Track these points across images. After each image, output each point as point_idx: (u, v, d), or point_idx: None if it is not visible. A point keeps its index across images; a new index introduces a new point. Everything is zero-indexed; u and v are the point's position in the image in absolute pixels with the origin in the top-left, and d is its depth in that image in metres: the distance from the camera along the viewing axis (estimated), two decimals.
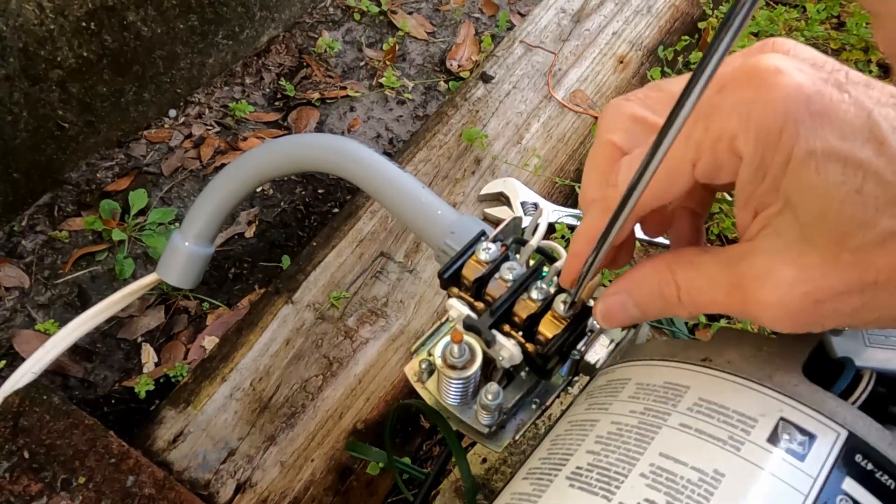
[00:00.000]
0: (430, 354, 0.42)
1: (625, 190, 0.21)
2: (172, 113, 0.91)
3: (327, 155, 0.49)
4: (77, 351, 0.71)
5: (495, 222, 0.72)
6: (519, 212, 0.72)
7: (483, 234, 0.40)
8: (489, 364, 0.39)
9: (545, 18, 0.93)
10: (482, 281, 0.37)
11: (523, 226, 0.42)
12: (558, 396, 0.42)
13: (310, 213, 0.85)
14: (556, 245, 0.39)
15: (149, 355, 0.72)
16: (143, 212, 0.82)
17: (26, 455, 0.53)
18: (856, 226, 0.18)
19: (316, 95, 0.95)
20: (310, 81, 0.98)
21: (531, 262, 0.38)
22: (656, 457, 0.24)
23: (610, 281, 0.74)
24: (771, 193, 0.19)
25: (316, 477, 0.58)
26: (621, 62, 0.89)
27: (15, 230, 0.79)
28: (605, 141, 0.23)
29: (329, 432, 0.59)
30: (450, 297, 0.38)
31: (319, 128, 0.93)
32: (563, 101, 0.84)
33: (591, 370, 0.38)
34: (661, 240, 0.72)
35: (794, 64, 0.18)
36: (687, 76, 0.18)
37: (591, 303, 0.37)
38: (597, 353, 0.39)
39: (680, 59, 0.92)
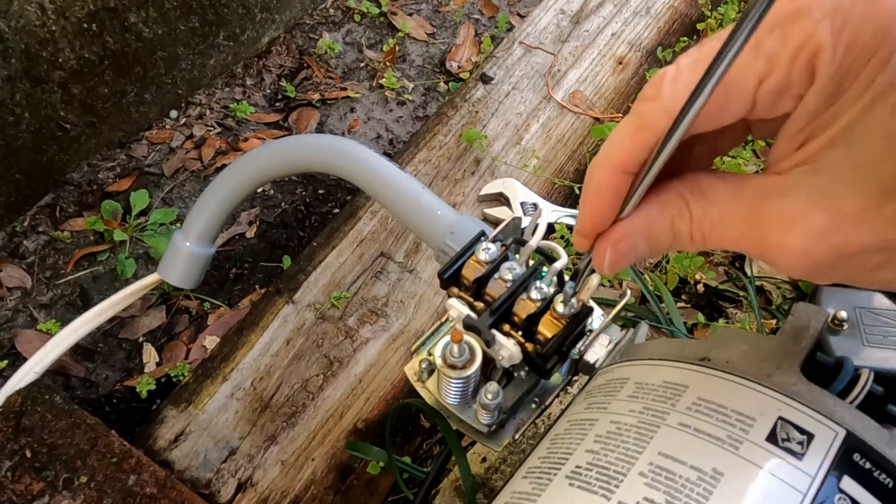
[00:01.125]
0: (430, 354, 0.42)
1: (675, 103, 0.17)
2: (174, 114, 0.91)
3: (328, 156, 0.49)
4: (79, 351, 0.71)
5: (495, 223, 0.72)
6: (518, 212, 0.72)
7: (483, 234, 0.40)
8: (489, 363, 0.39)
9: (544, 20, 0.93)
10: (482, 281, 0.37)
11: (523, 226, 0.42)
12: (558, 396, 0.42)
13: (310, 213, 0.86)
14: (555, 245, 0.39)
15: (150, 355, 0.72)
16: (144, 212, 0.82)
17: (28, 454, 0.53)
18: None
19: (316, 96, 0.95)
20: (310, 82, 0.98)
21: (530, 262, 0.38)
22: (655, 456, 0.24)
23: (610, 282, 0.73)
24: (831, 123, 0.17)
25: (317, 476, 0.58)
26: (620, 63, 0.89)
27: (17, 230, 0.79)
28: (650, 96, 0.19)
29: (330, 431, 0.60)
30: (450, 297, 0.38)
31: (320, 129, 0.94)
32: (562, 102, 0.84)
33: (591, 370, 0.38)
34: None
35: None
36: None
37: (591, 302, 0.37)
38: (596, 352, 0.39)
39: None
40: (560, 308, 0.35)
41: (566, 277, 0.40)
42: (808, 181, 0.17)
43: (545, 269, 0.38)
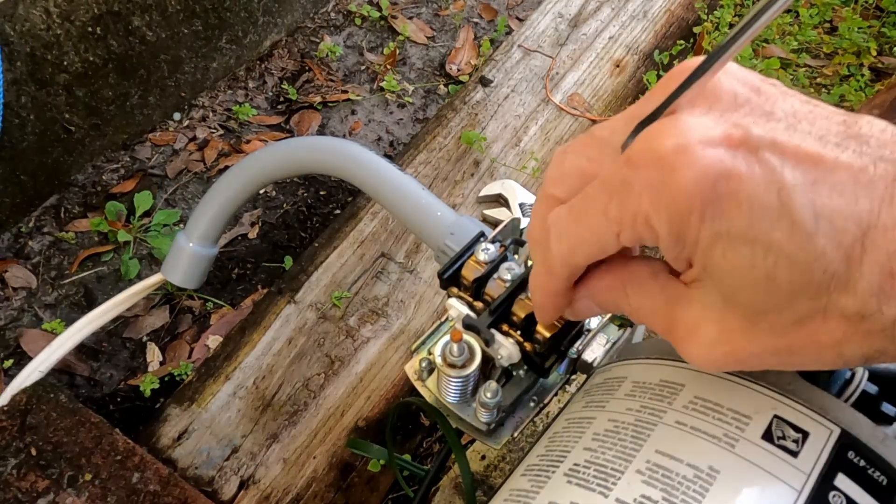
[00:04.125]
0: (430, 353, 0.42)
1: (563, 262, 0.22)
2: (177, 116, 0.92)
3: (329, 157, 0.50)
4: (83, 350, 0.72)
5: (494, 223, 0.73)
6: (517, 213, 0.73)
7: (482, 234, 0.41)
8: (488, 363, 0.40)
9: (543, 23, 0.94)
10: (481, 281, 0.37)
11: (521, 227, 0.42)
12: (556, 394, 0.42)
13: (312, 214, 0.86)
14: None
15: (154, 354, 0.73)
16: (148, 213, 0.83)
17: (33, 452, 0.54)
18: (770, 308, 0.18)
19: (318, 99, 0.96)
20: (312, 85, 0.99)
21: (529, 263, 0.38)
22: (652, 454, 0.24)
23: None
24: (691, 263, 0.19)
25: (318, 474, 0.59)
26: (618, 66, 0.90)
27: (22, 231, 0.80)
28: (548, 195, 0.23)
29: (331, 430, 0.60)
30: (449, 296, 0.38)
31: (321, 131, 0.95)
32: (560, 105, 0.85)
33: (589, 368, 0.39)
34: None
35: (699, 136, 0.17)
36: (611, 122, 0.20)
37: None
38: (594, 351, 0.39)
39: (675, 62, 0.93)
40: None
41: None
42: (702, 296, 0.20)
43: None
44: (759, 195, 0.17)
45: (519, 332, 0.37)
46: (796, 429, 0.24)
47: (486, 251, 0.38)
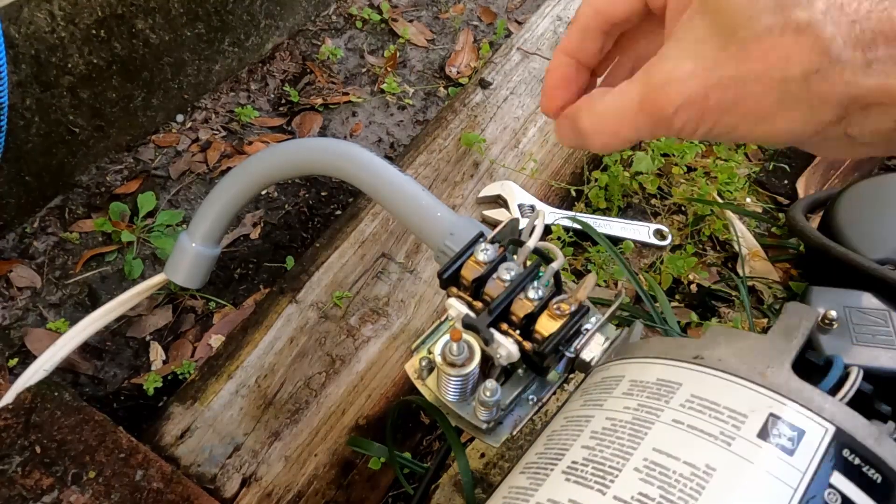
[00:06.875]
0: (430, 352, 0.43)
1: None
2: (180, 118, 0.93)
3: (330, 159, 0.50)
4: (87, 349, 0.73)
5: (493, 224, 0.73)
6: (516, 214, 0.74)
7: (481, 235, 0.41)
8: (487, 361, 0.40)
9: (542, 26, 0.94)
10: (480, 281, 0.38)
11: (520, 227, 0.43)
12: (554, 393, 0.43)
13: (313, 215, 0.87)
14: (552, 246, 0.40)
15: (157, 353, 0.73)
16: (151, 214, 0.83)
17: (38, 450, 0.54)
18: (744, 19, 0.21)
19: (319, 101, 0.97)
20: (313, 87, 0.99)
21: (528, 263, 0.39)
22: (650, 451, 0.25)
23: (605, 282, 0.74)
24: (682, 14, 0.23)
25: (319, 471, 0.59)
26: None
27: (27, 232, 0.80)
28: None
29: (332, 428, 0.61)
30: (449, 296, 0.39)
31: (322, 132, 0.95)
32: None
33: (587, 367, 0.39)
34: (653, 241, 0.74)
35: None
36: None
37: (587, 302, 0.38)
38: (592, 350, 0.40)
39: None
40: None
41: (563, 278, 0.41)
42: (677, 44, 0.23)
43: (542, 269, 0.39)
44: None
45: (518, 332, 0.37)
46: (792, 427, 0.24)
47: (486, 251, 0.38)
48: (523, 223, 0.50)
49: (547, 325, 0.36)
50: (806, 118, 0.21)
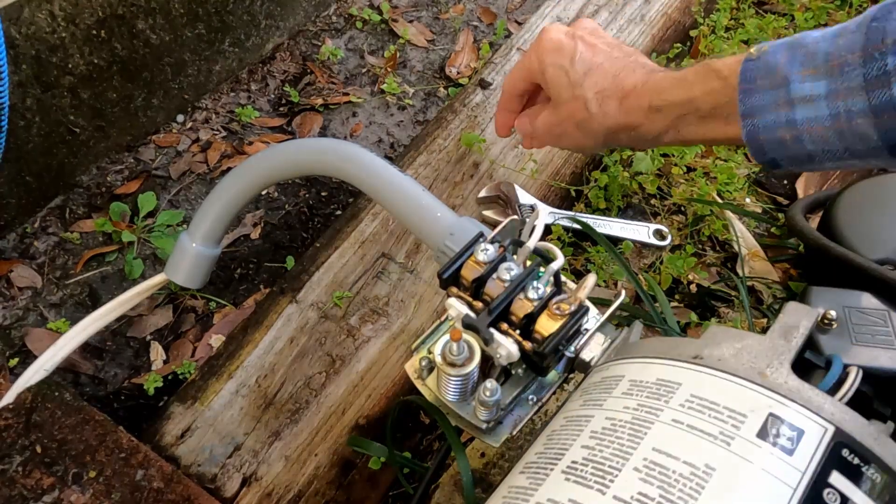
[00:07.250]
0: (430, 352, 0.43)
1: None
2: (180, 118, 0.93)
3: (330, 159, 0.51)
4: (88, 349, 0.73)
5: (493, 224, 0.73)
6: (516, 214, 0.74)
7: (481, 235, 0.41)
8: (487, 361, 0.40)
9: (541, 27, 0.94)
10: (480, 281, 0.38)
11: (520, 228, 0.43)
12: (554, 393, 0.43)
13: (313, 215, 0.87)
14: (551, 246, 0.40)
15: (157, 353, 0.74)
16: (151, 214, 0.83)
17: (39, 450, 0.54)
18: (556, 95, 0.49)
19: (319, 101, 0.97)
20: (313, 88, 0.99)
21: (528, 263, 0.39)
22: (649, 451, 0.25)
23: (605, 282, 0.75)
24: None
25: (319, 471, 0.59)
26: None
27: (28, 232, 0.80)
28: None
29: (332, 428, 0.61)
30: (449, 296, 0.39)
31: (323, 133, 0.95)
32: None
33: (586, 367, 0.39)
34: (653, 241, 0.74)
35: (560, 28, 0.49)
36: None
37: (587, 302, 0.38)
38: (592, 350, 0.40)
39: (672, 65, 0.94)
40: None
41: (563, 278, 0.41)
42: (548, 105, 0.52)
43: (542, 269, 0.39)
44: (567, 50, 0.48)
45: (518, 332, 0.37)
46: (791, 427, 0.24)
47: (486, 251, 0.38)
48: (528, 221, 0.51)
49: (547, 325, 0.37)
50: (591, 139, 0.49)
